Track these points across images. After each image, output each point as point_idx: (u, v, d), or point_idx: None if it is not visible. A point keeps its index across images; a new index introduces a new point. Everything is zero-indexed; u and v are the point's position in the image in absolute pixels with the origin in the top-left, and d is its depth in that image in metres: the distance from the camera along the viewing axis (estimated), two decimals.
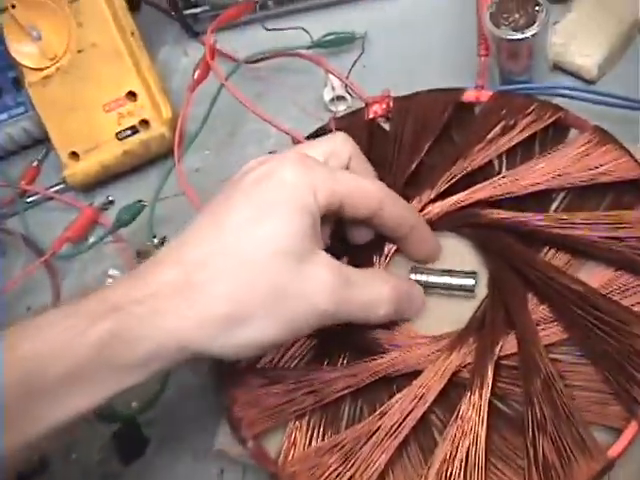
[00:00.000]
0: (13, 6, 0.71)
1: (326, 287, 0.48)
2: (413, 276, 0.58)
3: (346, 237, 0.58)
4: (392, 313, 0.54)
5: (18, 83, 0.78)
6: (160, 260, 0.50)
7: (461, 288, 0.57)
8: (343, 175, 0.52)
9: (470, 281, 0.57)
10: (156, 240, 0.69)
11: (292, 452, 0.55)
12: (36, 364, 0.44)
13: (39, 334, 0.46)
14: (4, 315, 0.71)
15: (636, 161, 0.57)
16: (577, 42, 0.66)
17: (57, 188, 0.78)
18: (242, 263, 0.48)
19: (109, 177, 0.77)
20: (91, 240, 0.72)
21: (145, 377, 0.47)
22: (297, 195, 0.49)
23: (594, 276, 0.55)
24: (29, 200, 0.79)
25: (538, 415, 0.52)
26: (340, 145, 0.55)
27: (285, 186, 0.49)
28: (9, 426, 0.44)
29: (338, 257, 0.56)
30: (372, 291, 0.52)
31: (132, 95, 0.72)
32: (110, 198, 0.76)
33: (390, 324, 0.57)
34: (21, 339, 0.45)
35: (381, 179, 0.59)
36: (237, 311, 0.47)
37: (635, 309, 0.53)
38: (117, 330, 0.45)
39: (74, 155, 0.74)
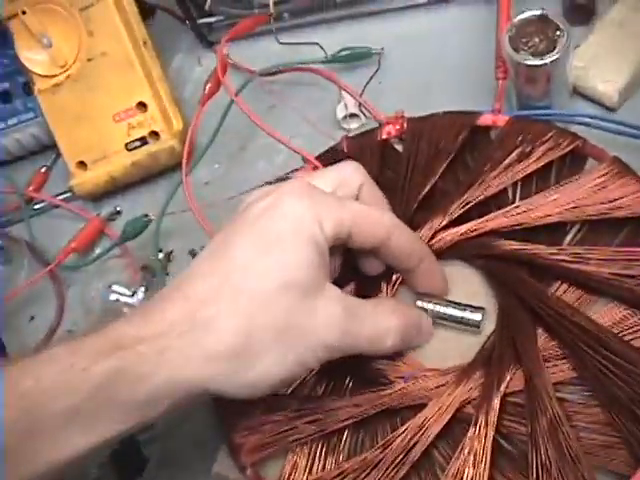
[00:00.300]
0: (24, 12, 0.70)
1: (334, 321, 0.48)
2: (420, 303, 0.57)
3: (357, 267, 0.57)
4: (399, 343, 0.53)
5: (28, 88, 0.77)
6: (166, 296, 0.49)
7: (467, 322, 0.56)
8: (351, 204, 0.51)
9: (477, 316, 0.56)
10: (162, 255, 0.68)
11: None
12: (37, 401, 0.44)
13: (41, 370, 0.45)
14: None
15: None
16: (598, 66, 0.64)
17: (64, 196, 0.77)
18: (248, 298, 0.47)
19: (117, 187, 0.76)
20: (97, 252, 0.71)
21: (154, 415, 0.47)
22: (303, 227, 0.48)
23: (606, 314, 0.54)
24: (35, 207, 0.78)
25: (543, 457, 0.50)
26: (350, 174, 0.54)
27: (290, 218, 0.48)
28: (8, 464, 0.43)
29: (346, 283, 0.55)
30: (379, 324, 0.51)
31: (142, 106, 0.72)
32: (118, 209, 0.75)
33: (396, 355, 0.56)
34: (23, 375, 0.45)
35: (392, 202, 0.58)
36: (245, 347, 0.46)
37: None
38: (121, 369, 0.45)
39: (82, 165, 0.73)
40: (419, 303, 0.57)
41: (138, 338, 0.46)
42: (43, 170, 0.79)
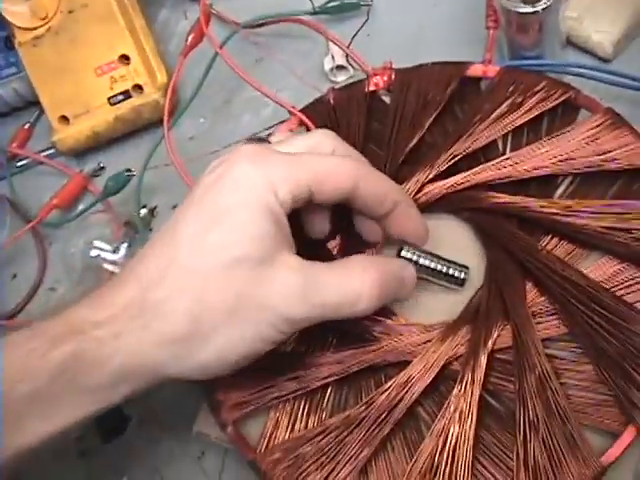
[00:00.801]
0: None
1: (292, 292, 0.45)
2: (403, 253, 0.54)
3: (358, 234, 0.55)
4: (377, 301, 0.49)
5: (10, 43, 0.75)
6: (122, 278, 0.47)
7: (451, 279, 0.54)
8: (308, 161, 0.48)
9: (461, 274, 0.54)
10: (145, 210, 0.67)
11: (273, 439, 0.53)
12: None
13: (5, 355, 0.44)
14: None
15: None
16: (592, 16, 0.62)
17: (48, 153, 0.76)
18: (197, 277, 0.45)
19: (101, 143, 0.74)
20: (80, 208, 0.70)
21: (116, 400, 0.46)
22: (254, 196, 0.45)
23: (598, 268, 0.53)
24: (19, 164, 0.77)
25: (530, 415, 0.49)
26: (320, 141, 0.51)
27: (240, 188, 0.46)
28: None
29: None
30: (346, 287, 0.48)
31: (125, 58, 0.70)
32: (101, 164, 0.73)
33: (381, 310, 0.54)
34: None
35: (378, 155, 0.57)
36: (194, 330, 0.45)
37: (639, 307, 0.51)
38: (79, 353, 0.44)
39: (64, 119, 0.72)
40: (403, 253, 0.54)
41: (94, 322, 0.45)
42: (26, 127, 0.77)
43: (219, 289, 0.45)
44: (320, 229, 0.53)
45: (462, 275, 0.54)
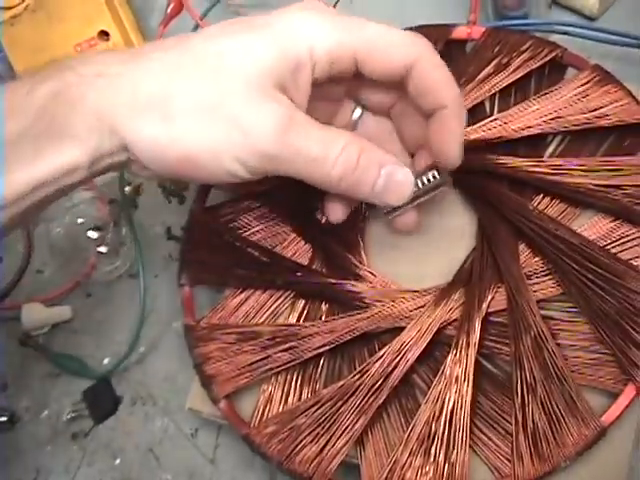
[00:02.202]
0: None
1: (275, 124, 0.42)
2: None
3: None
4: (348, 179, 0.44)
5: None
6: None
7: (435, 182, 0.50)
8: (361, 23, 0.45)
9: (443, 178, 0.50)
10: (129, 188, 0.66)
11: (267, 412, 0.53)
12: None
13: None
14: None
15: (638, 103, 0.53)
16: None
17: None
18: (195, 57, 0.44)
19: None
20: None
21: (86, 159, 0.43)
22: (286, 40, 0.43)
23: (591, 227, 0.52)
24: None
25: (528, 377, 0.49)
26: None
27: (284, 22, 0.44)
28: None
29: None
30: (325, 143, 0.44)
31: (104, 34, 0.68)
32: None
33: (372, 276, 0.53)
34: None
35: None
36: (165, 97, 0.43)
37: (635, 263, 0.50)
38: (61, 89, 0.43)
39: None
40: None
41: (82, 61, 0.44)
42: None
43: (205, 81, 0.43)
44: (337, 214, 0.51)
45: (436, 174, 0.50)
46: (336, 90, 0.50)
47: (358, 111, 0.51)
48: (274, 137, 0.42)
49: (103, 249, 0.63)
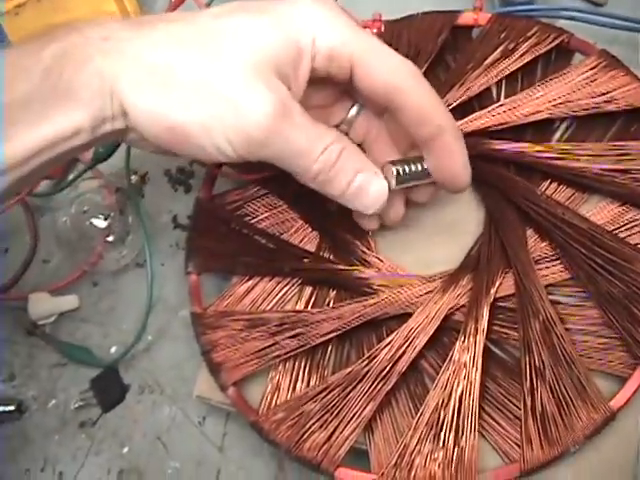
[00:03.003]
0: None
1: (263, 110, 0.42)
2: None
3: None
4: (329, 173, 0.45)
5: None
6: None
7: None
8: (365, 33, 0.46)
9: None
10: (136, 177, 0.66)
11: (275, 399, 0.53)
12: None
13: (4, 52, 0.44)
14: None
15: None
16: None
17: None
18: (204, 32, 0.44)
19: None
20: (70, 177, 0.68)
21: (89, 122, 0.43)
22: (292, 27, 0.44)
23: (599, 212, 0.52)
24: None
25: (536, 361, 0.49)
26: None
27: (286, 16, 0.45)
28: None
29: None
30: (311, 140, 0.44)
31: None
32: None
33: (380, 263, 0.53)
34: None
35: None
36: (165, 67, 0.43)
37: None
38: (68, 49, 0.43)
39: None
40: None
41: (87, 24, 0.45)
42: None
43: (209, 57, 0.43)
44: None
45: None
46: (332, 89, 0.50)
47: (355, 108, 0.51)
48: (265, 123, 0.42)
49: (109, 238, 0.63)
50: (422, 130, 0.47)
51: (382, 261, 0.53)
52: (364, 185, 0.47)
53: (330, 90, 0.50)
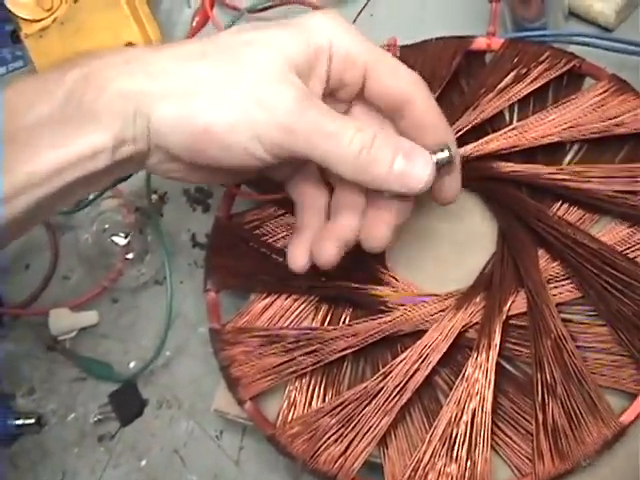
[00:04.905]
0: None
1: (289, 98, 0.43)
2: None
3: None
4: (365, 156, 0.44)
5: (16, 37, 0.75)
6: None
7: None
8: (376, 47, 0.48)
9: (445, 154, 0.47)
10: (155, 196, 0.67)
11: (291, 413, 0.54)
12: (14, 109, 0.44)
13: (23, 84, 0.45)
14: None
15: None
16: None
17: None
18: (220, 47, 0.45)
19: None
20: (90, 196, 0.70)
21: (110, 143, 0.44)
22: (309, 31, 0.45)
23: (609, 232, 0.53)
24: None
25: (548, 378, 0.50)
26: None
27: (311, 21, 0.46)
28: None
29: None
30: (340, 124, 0.44)
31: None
32: None
33: (395, 282, 0.55)
34: (7, 88, 0.45)
35: None
36: (188, 77, 0.44)
37: None
38: (89, 73, 0.44)
39: None
40: None
41: (110, 51, 0.46)
42: None
43: (232, 61, 0.45)
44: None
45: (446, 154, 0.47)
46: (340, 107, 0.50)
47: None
48: (293, 109, 0.43)
49: (129, 256, 0.65)
50: (426, 138, 0.47)
51: (397, 279, 0.55)
52: (409, 161, 0.44)
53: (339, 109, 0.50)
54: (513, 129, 0.56)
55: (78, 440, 0.62)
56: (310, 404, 0.54)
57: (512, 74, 0.57)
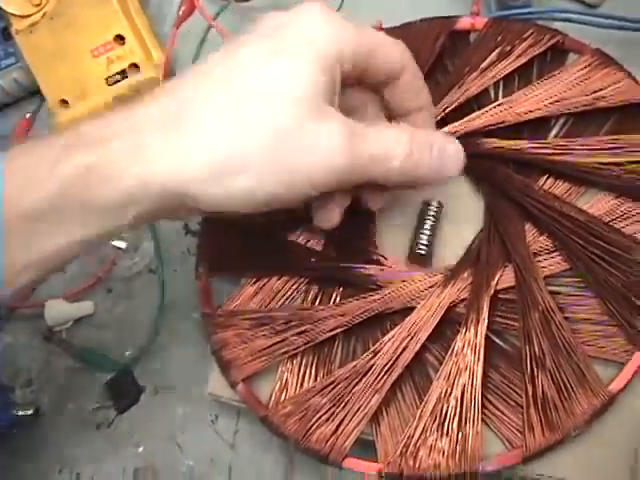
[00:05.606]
0: None
1: (336, 138, 0.43)
2: None
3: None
4: (410, 164, 0.46)
5: (7, 34, 0.76)
6: (152, 93, 0.44)
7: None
8: (370, 31, 0.47)
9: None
10: None
11: (283, 394, 0.54)
12: (4, 199, 0.41)
13: (12, 163, 0.42)
14: None
15: (638, 84, 0.54)
16: None
17: None
18: (246, 100, 0.42)
19: None
20: None
21: (121, 224, 0.43)
22: (321, 44, 0.44)
23: (595, 204, 0.53)
24: None
25: (536, 350, 0.50)
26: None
27: (310, 32, 0.44)
28: None
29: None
30: (384, 140, 0.45)
31: (120, 39, 0.70)
32: None
33: (383, 260, 0.55)
34: None
35: None
36: (232, 154, 0.42)
37: (638, 237, 0.51)
38: (93, 165, 0.41)
39: (64, 103, 0.72)
40: None
41: (115, 132, 0.42)
42: (28, 116, 0.78)
43: (267, 119, 0.42)
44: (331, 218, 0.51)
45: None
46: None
47: None
48: (344, 150, 0.43)
49: (123, 246, 0.65)
50: (407, 107, 0.50)
51: (386, 258, 0.55)
52: (443, 153, 0.48)
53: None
54: (499, 105, 0.56)
55: (76, 429, 0.62)
56: (302, 384, 0.54)
57: (496, 52, 0.58)
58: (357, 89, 0.50)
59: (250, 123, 0.42)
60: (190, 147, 0.42)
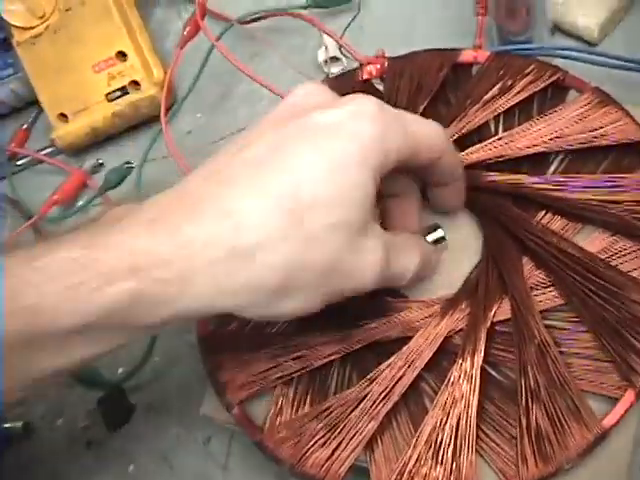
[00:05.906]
0: None
1: (377, 261, 0.44)
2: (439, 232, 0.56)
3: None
4: (415, 279, 0.50)
5: (7, 44, 0.76)
6: (197, 202, 0.41)
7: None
8: (412, 126, 0.46)
9: (440, 232, 0.56)
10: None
11: (278, 419, 0.54)
12: (40, 317, 0.38)
13: (46, 285, 0.38)
14: None
15: (636, 123, 0.55)
16: (577, 1, 0.64)
17: (47, 151, 0.77)
18: (301, 229, 0.41)
19: (99, 140, 0.76)
20: (80, 203, 0.70)
21: (158, 332, 0.45)
22: (370, 157, 0.42)
23: (592, 241, 0.54)
24: (19, 163, 0.78)
25: (532, 383, 0.50)
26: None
27: (361, 144, 0.42)
28: (5, 371, 0.39)
29: None
30: (406, 259, 0.48)
31: (122, 55, 0.71)
32: (100, 161, 0.75)
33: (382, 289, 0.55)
34: (25, 287, 0.38)
35: None
36: (286, 284, 0.42)
37: (634, 274, 0.52)
38: (139, 294, 0.39)
39: (63, 117, 0.73)
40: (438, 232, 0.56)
41: (161, 259, 0.40)
42: (25, 126, 0.79)
43: (320, 248, 0.42)
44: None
45: (441, 233, 0.56)
46: None
47: None
48: (378, 275, 0.45)
49: None
50: (444, 181, 0.53)
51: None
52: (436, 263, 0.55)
53: None
54: (499, 139, 0.57)
55: (67, 446, 0.62)
56: (297, 409, 0.54)
57: (498, 86, 0.58)
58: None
59: (306, 255, 0.42)
60: (243, 281, 0.41)
